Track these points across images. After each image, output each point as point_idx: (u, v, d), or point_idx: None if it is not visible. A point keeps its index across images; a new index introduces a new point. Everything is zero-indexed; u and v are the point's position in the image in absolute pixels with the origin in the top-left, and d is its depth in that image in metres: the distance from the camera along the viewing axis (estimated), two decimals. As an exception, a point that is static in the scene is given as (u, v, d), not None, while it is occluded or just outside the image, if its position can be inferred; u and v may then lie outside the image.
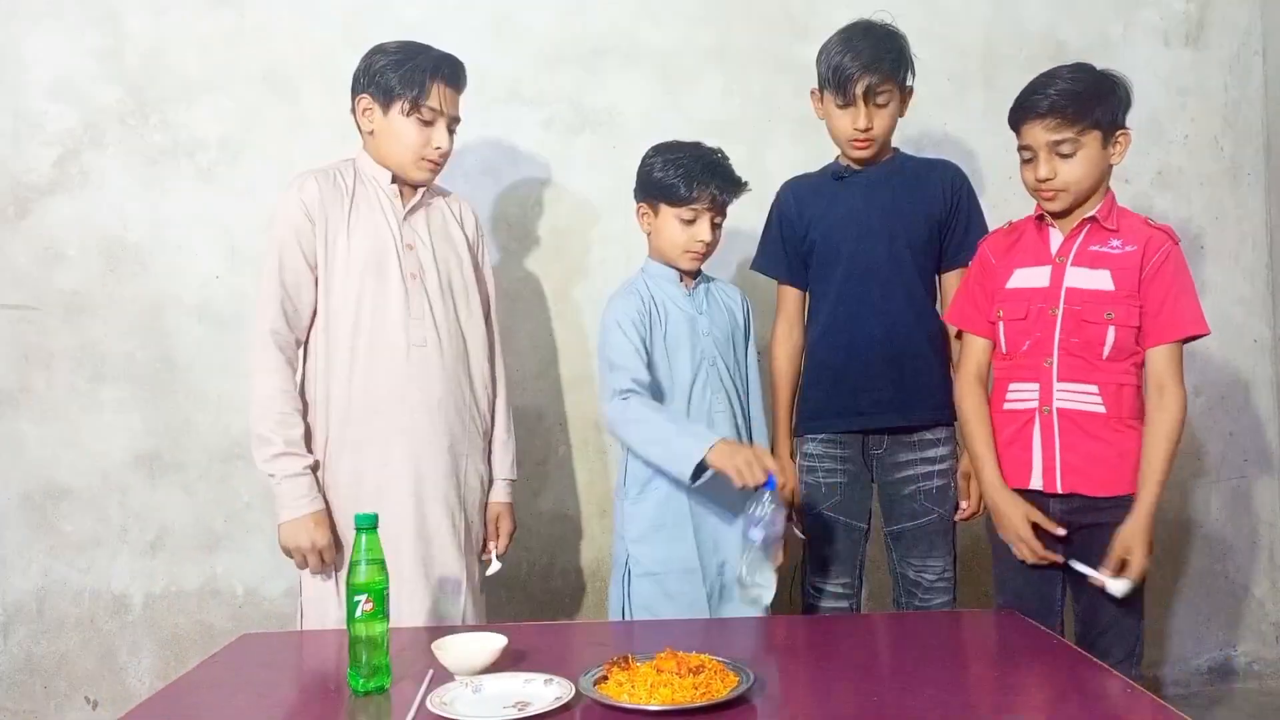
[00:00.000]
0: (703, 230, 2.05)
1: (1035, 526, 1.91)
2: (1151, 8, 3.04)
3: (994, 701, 1.36)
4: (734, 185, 2.07)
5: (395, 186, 2.05)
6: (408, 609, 1.93)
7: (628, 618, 2.02)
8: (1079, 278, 1.89)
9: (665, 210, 2.06)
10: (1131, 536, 1.84)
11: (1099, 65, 1.94)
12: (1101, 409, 1.88)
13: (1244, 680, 3.06)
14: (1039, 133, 1.86)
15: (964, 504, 2.17)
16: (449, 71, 2.03)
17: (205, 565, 2.75)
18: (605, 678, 1.38)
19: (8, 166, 2.71)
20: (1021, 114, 1.89)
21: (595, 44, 2.88)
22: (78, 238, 2.72)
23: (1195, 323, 1.88)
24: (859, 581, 2.21)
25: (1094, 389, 1.88)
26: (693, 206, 2.03)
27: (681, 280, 2.12)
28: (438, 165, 2.05)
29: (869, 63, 2.06)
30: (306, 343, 2.02)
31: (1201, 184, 3.07)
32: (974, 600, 2.88)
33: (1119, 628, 1.90)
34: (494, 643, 1.50)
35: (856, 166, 2.19)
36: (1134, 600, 1.89)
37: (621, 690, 1.33)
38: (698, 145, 2.09)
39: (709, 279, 2.18)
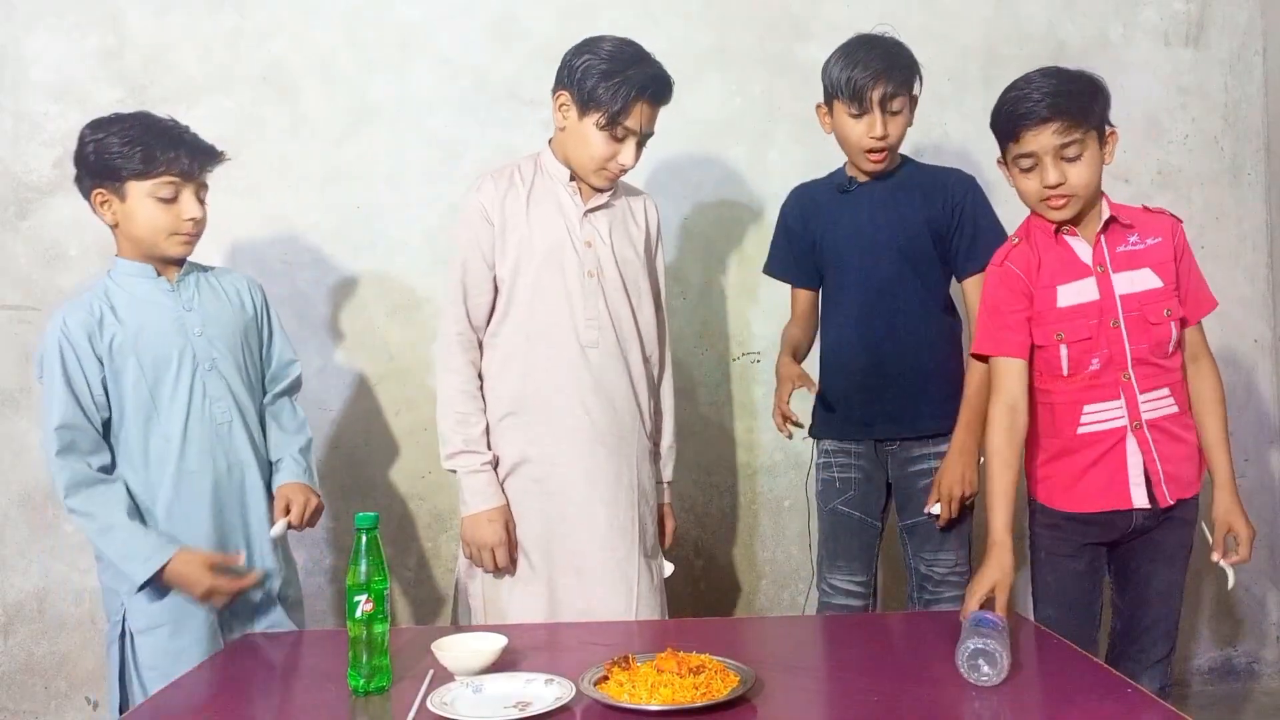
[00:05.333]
0: (190, 206, 1.87)
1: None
2: (1151, 8, 3.04)
3: (995, 701, 1.36)
4: (205, 154, 1.90)
5: (575, 184, 2.04)
6: (566, 607, 1.95)
7: (133, 688, 1.83)
8: (1127, 283, 1.84)
9: (134, 190, 1.83)
10: (1230, 511, 1.87)
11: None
12: (1175, 409, 1.87)
13: (1244, 680, 3.06)
14: (1045, 138, 1.77)
15: (937, 508, 2.09)
16: (655, 90, 1.97)
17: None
18: (606, 678, 1.38)
19: (8, 167, 2.71)
20: (1019, 122, 1.80)
21: (595, 44, 2.87)
22: (78, 238, 2.72)
23: (1212, 297, 1.92)
24: (874, 579, 2.22)
25: (1166, 391, 1.86)
26: (168, 178, 1.83)
27: (160, 274, 1.91)
28: (617, 177, 2.03)
29: (884, 70, 2.04)
30: (485, 333, 2.05)
31: (1201, 184, 3.06)
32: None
33: (1163, 627, 1.91)
34: (494, 643, 1.50)
35: (863, 178, 2.17)
36: (1176, 597, 1.91)
37: (622, 690, 1.33)
38: (147, 115, 1.89)
39: (202, 268, 1.99)
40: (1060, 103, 1.77)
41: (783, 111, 2.85)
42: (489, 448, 2.01)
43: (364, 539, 1.45)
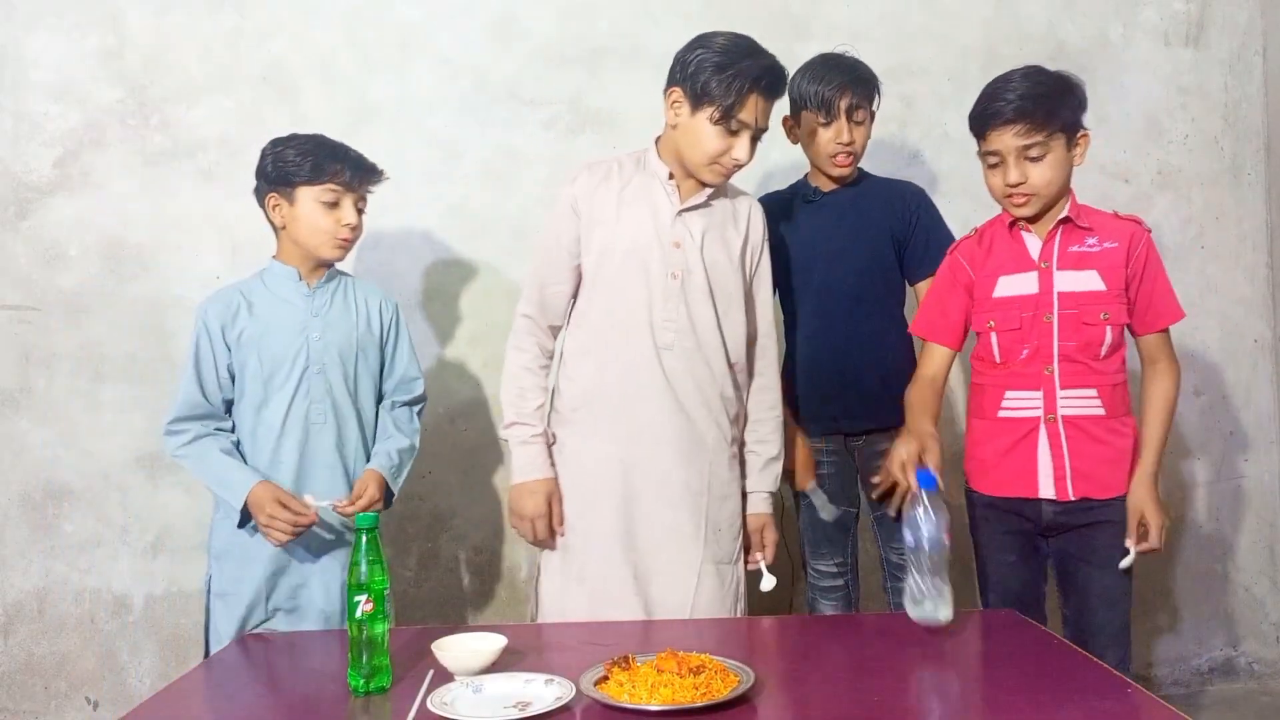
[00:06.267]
0: (349, 213, 2.04)
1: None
2: (1151, 8, 3.04)
3: (994, 701, 1.36)
4: (368, 171, 2.08)
5: (674, 182, 2.01)
6: (621, 607, 1.92)
7: (210, 644, 2.02)
8: (1069, 281, 1.90)
9: (303, 194, 2.03)
10: (1142, 499, 1.88)
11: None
12: (1101, 411, 1.90)
13: (1244, 680, 3.06)
14: (1008, 138, 1.85)
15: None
16: (769, 82, 1.92)
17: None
18: (606, 678, 1.38)
19: (8, 167, 2.71)
20: (986, 120, 1.88)
21: (596, 44, 2.88)
22: (78, 238, 2.73)
23: (1178, 309, 1.94)
24: (852, 559, 2.34)
25: (1093, 392, 1.90)
26: (332, 186, 2.02)
27: (304, 279, 2.09)
28: (731, 172, 1.98)
29: (849, 82, 2.19)
30: (570, 324, 2.07)
31: (1201, 184, 3.07)
32: (966, 596, 2.88)
33: (1110, 630, 1.91)
34: (494, 643, 1.50)
35: (825, 189, 2.29)
36: (1121, 600, 1.91)
37: (622, 690, 1.33)
38: (320, 135, 2.09)
39: (345, 278, 2.16)
40: (1026, 105, 1.83)
41: (783, 111, 2.85)
42: (542, 422, 2.03)
43: (364, 539, 1.45)
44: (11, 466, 2.71)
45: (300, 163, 2.03)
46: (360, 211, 2.09)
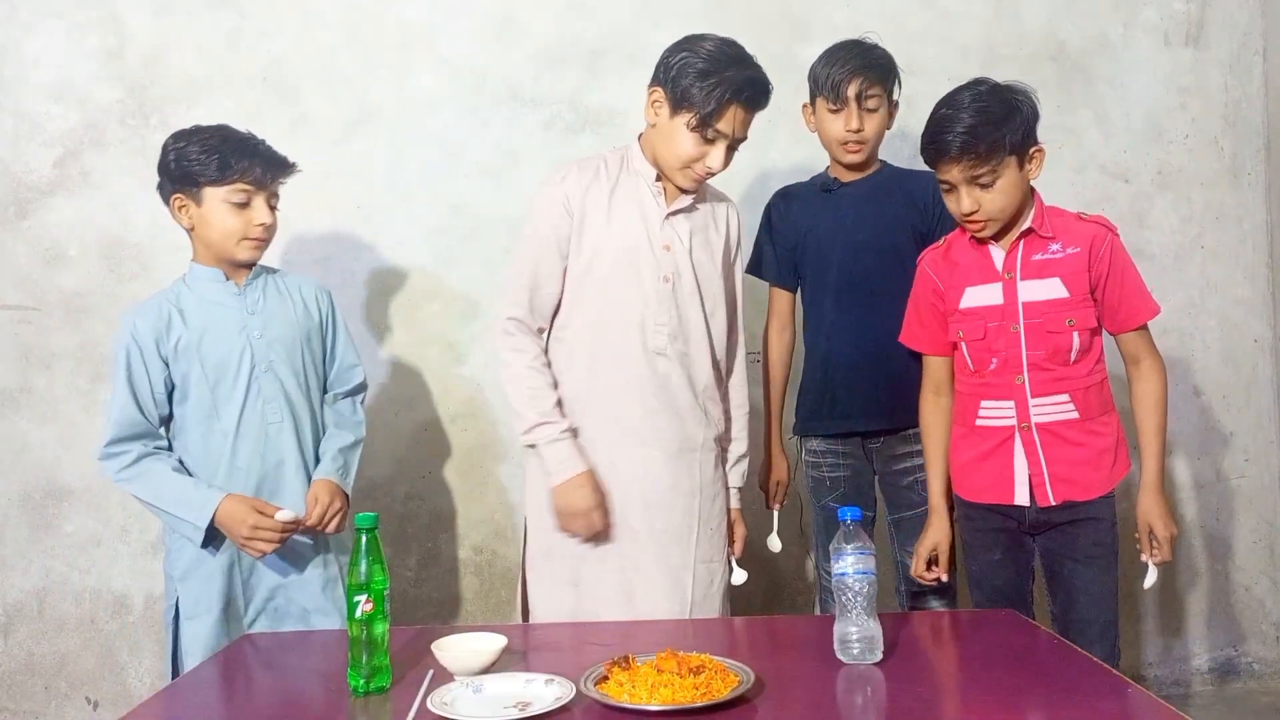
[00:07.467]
0: (261, 212, 1.96)
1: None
2: (1151, 8, 3.04)
3: (994, 701, 1.36)
4: (279, 164, 1.99)
5: (660, 184, 1.99)
6: (617, 609, 1.92)
7: (181, 666, 1.93)
8: (1032, 290, 1.90)
9: (210, 195, 1.93)
10: (1148, 512, 1.90)
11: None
12: (1075, 415, 1.91)
13: (1244, 680, 3.06)
14: (955, 172, 1.85)
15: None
16: (751, 94, 1.90)
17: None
18: (606, 678, 1.38)
19: (8, 166, 2.72)
20: (934, 154, 1.88)
21: (596, 44, 2.88)
22: (78, 238, 2.73)
23: (1152, 305, 1.93)
24: None
25: (1065, 398, 1.91)
26: (241, 185, 1.93)
27: (229, 278, 2.00)
28: (703, 179, 1.97)
29: (860, 67, 2.15)
30: (553, 326, 2.02)
31: (1201, 184, 3.06)
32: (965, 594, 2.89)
33: (1096, 626, 1.92)
34: (494, 643, 1.50)
35: (844, 179, 2.25)
36: (1106, 596, 1.92)
37: (622, 690, 1.33)
38: (226, 127, 1.99)
39: (272, 271, 2.08)
40: (969, 141, 1.83)
41: (783, 112, 2.83)
42: (565, 417, 1.95)
43: (364, 539, 1.45)
44: (11, 466, 2.72)
45: (205, 161, 1.92)
46: (273, 208, 1.99)
